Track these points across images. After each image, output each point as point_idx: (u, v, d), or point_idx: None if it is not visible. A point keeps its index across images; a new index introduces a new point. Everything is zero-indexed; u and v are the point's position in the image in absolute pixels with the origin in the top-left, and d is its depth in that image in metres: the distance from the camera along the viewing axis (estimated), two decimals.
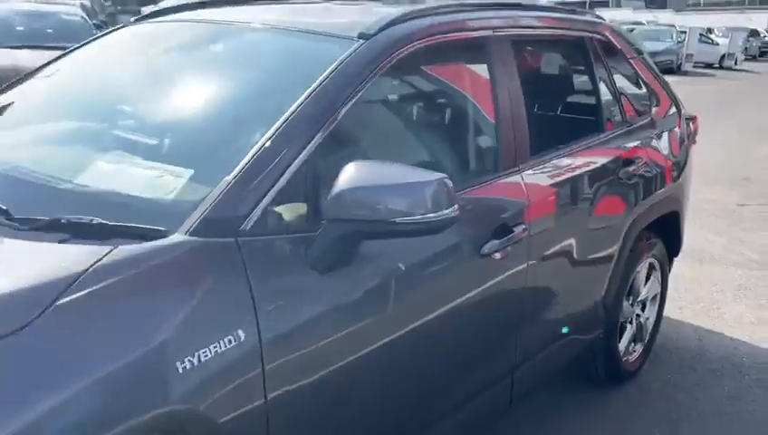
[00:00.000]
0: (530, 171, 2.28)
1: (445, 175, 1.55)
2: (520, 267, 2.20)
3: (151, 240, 1.38)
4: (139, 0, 32.83)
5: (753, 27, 35.46)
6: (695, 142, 3.62)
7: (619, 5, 50.79)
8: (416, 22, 2.00)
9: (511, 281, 2.17)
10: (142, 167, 1.64)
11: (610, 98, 2.92)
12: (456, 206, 1.56)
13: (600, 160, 2.70)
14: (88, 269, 1.25)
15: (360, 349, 1.66)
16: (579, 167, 2.55)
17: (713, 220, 5.93)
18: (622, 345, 3.14)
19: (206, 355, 1.31)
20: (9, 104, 2.23)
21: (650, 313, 3.35)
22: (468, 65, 2.30)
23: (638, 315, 3.24)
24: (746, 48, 30.75)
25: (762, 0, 60.37)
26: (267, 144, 1.56)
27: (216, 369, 1.33)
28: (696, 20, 39.30)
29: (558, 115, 3.15)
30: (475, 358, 2.14)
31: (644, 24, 29.82)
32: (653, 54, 12.98)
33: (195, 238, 1.40)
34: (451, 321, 1.93)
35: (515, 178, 2.20)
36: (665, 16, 42.11)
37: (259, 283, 1.43)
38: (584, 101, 3.00)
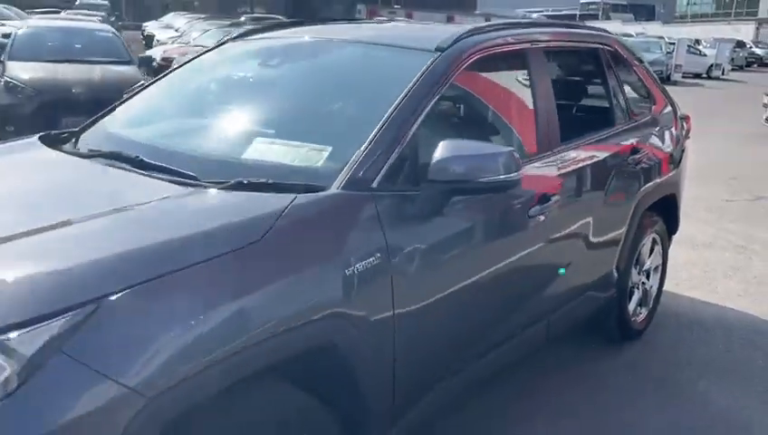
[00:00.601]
0: (560, 154, 2.88)
1: (513, 148, 2.15)
2: (554, 229, 2.80)
3: (313, 193, 1.96)
4: (136, 18, 33.80)
5: (739, 38, 36.44)
6: (688, 138, 4.24)
7: (608, 18, 51.94)
8: (476, 37, 2.60)
9: (548, 240, 2.77)
10: (290, 146, 2.23)
11: (620, 98, 3.53)
12: (520, 171, 2.16)
13: (614, 149, 3.31)
14: (287, 206, 1.83)
15: (451, 279, 2.25)
16: (597, 153, 3.16)
17: (704, 213, 6.55)
18: (631, 307, 3.73)
19: (361, 267, 1.89)
20: (154, 101, 2.84)
21: (653, 281, 3.95)
22: (515, 71, 2.91)
23: (643, 283, 3.84)
24: (733, 58, 31.59)
25: (747, 12, 61.68)
26: (382, 129, 2.15)
27: (366, 279, 1.91)
28: (683, 31, 40.30)
29: (579, 111, 3.76)
30: (523, 299, 2.73)
31: (633, 35, 30.66)
32: None
33: (345, 191, 1.99)
34: (511, 264, 2.53)
35: (551, 159, 2.80)
36: (653, 28, 43.09)
37: (386, 222, 2.01)
38: (599, 100, 3.61)
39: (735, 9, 64.49)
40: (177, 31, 22.62)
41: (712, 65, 27.96)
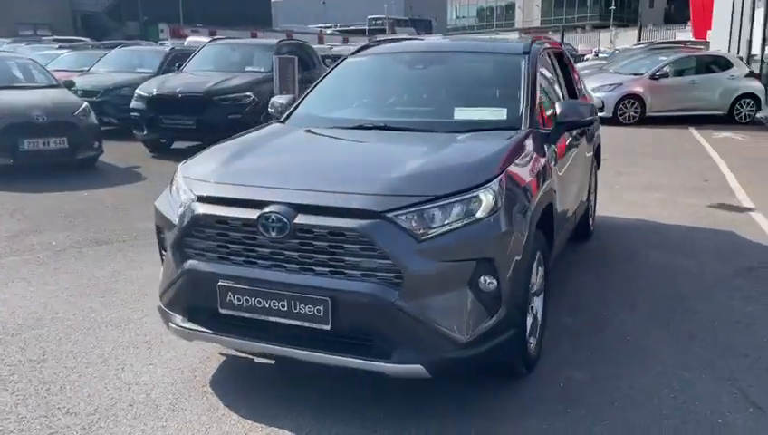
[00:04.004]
0: None
1: (594, 103, 4.00)
2: (578, 155, 4.70)
3: (515, 131, 3.63)
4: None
5: None
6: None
7: (394, 32, 56.39)
8: (536, 45, 4.41)
9: (578, 162, 4.66)
10: (478, 110, 3.86)
11: (575, 80, 5.56)
12: (597, 115, 4.01)
13: None
14: (528, 135, 3.51)
15: (566, 172, 4.04)
16: None
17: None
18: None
19: (547, 162, 3.60)
20: (332, 96, 4.30)
21: (593, 200, 6.06)
22: (552, 62, 4.77)
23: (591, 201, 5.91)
24: None
25: (506, 23, 70.19)
26: (526, 96, 3.87)
27: (548, 168, 3.62)
28: None
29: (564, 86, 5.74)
30: (578, 191, 4.61)
31: None
32: None
33: (529, 128, 3.68)
34: (577, 167, 4.39)
35: None
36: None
37: (539, 142, 3.71)
38: (569, 80, 5.59)
39: (496, 21, 73.35)
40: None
41: None
